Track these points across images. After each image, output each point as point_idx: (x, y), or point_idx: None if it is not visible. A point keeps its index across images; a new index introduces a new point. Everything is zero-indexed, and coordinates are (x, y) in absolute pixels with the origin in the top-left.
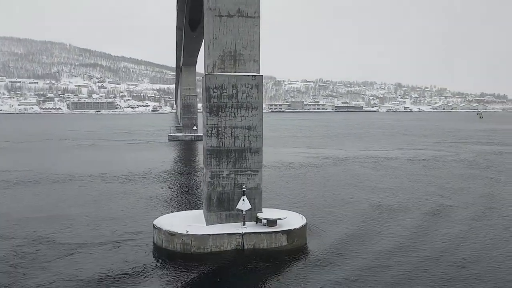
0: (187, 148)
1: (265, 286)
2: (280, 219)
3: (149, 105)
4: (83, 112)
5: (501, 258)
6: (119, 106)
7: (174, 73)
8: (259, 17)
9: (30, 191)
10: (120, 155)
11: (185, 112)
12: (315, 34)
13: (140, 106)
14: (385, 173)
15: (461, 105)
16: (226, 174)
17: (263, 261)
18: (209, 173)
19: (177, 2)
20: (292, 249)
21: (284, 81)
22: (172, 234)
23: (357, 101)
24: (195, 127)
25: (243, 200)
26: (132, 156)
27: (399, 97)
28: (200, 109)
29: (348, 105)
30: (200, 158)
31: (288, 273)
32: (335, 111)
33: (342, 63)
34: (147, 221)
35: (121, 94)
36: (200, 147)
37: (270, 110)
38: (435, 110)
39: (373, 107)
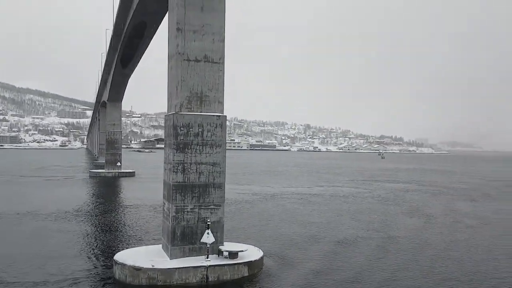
0: (112, 185)
1: None
2: (241, 251)
3: (57, 140)
4: None
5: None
6: (23, 140)
7: (84, 107)
8: (223, 63)
9: None
10: (43, 192)
11: (109, 148)
12: (230, 75)
13: (47, 140)
14: (312, 208)
15: (363, 146)
16: (191, 209)
17: None
18: (174, 207)
19: (111, 40)
20: (252, 279)
21: None
22: (138, 269)
23: (270, 140)
24: (119, 163)
25: (208, 233)
26: (56, 192)
27: (308, 137)
28: (124, 145)
29: (262, 143)
30: (129, 194)
31: None
32: (250, 149)
33: (255, 103)
34: (99, 257)
35: (25, 127)
36: (125, 183)
37: None
38: (341, 150)
39: (285, 146)
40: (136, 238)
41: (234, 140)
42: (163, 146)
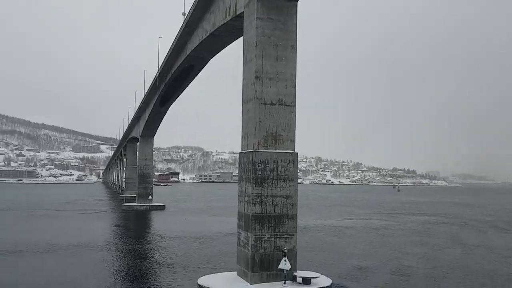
0: (147, 218)
1: None
2: (315, 277)
3: (73, 174)
4: (3, 181)
5: None
6: (40, 175)
7: (98, 142)
8: (295, 105)
9: (54, 263)
10: (84, 225)
11: (141, 182)
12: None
13: (63, 175)
14: (349, 240)
15: (376, 178)
16: (267, 238)
17: None
18: (254, 236)
19: (155, 81)
20: None
21: (212, 152)
22: None
23: None
24: (150, 197)
25: (285, 260)
26: (97, 225)
27: (320, 170)
28: (180, 179)
29: None
30: (168, 226)
31: None
32: None
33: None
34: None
35: (41, 162)
36: (159, 216)
37: (200, 180)
38: (354, 183)
39: (298, 178)
40: (195, 266)
41: None
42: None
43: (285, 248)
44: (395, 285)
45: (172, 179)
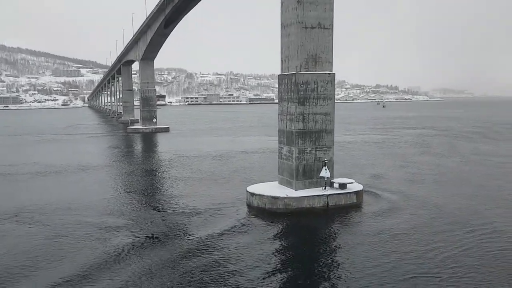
0: (157, 139)
1: (356, 226)
2: (350, 183)
3: (57, 99)
4: None
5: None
6: (24, 101)
7: (78, 65)
8: (332, 28)
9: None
10: (100, 148)
11: (145, 105)
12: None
13: (48, 100)
14: (355, 153)
15: (360, 96)
16: (309, 150)
17: (344, 213)
18: (297, 150)
19: (163, 1)
20: (358, 205)
21: (196, 74)
22: (275, 198)
23: (268, 94)
24: (155, 120)
25: (325, 169)
26: (120, 146)
27: None
28: (166, 102)
29: (260, 97)
30: (184, 146)
31: (365, 218)
32: (249, 103)
33: (249, 57)
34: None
35: (23, 88)
36: (167, 138)
37: (186, 103)
38: (339, 101)
39: None
40: (226, 179)
41: (232, 94)
42: (163, 102)
43: (325, 159)
44: (412, 189)
45: (159, 102)
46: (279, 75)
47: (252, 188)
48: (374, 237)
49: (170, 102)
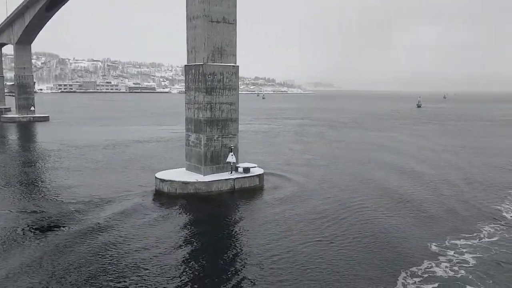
0: (41, 129)
1: (261, 205)
2: (253, 167)
3: None
4: None
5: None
6: None
7: None
8: (236, 23)
9: None
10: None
11: (21, 92)
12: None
13: None
14: (247, 142)
15: (240, 87)
16: (216, 138)
17: (248, 195)
18: (205, 137)
19: None
20: (261, 187)
21: (69, 59)
22: (186, 183)
23: (149, 82)
24: (32, 108)
25: (232, 155)
26: (17, 138)
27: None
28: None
29: (141, 85)
30: (70, 136)
31: (267, 198)
32: (129, 92)
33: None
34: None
35: None
36: (45, 127)
37: (59, 90)
38: None
39: (164, 88)
40: (124, 167)
41: (110, 82)
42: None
43: (231, 145)
44: (303, 171)
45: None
46: (185, 65)
47: (161, 175)
48: (274, 211)
49: (41, 90)
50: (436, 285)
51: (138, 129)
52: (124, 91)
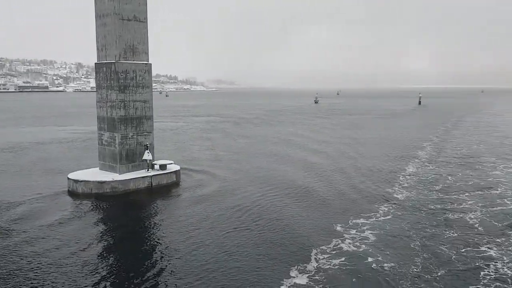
0: None
1: (179, 201)
2: (170, 164)
3: None
4: None
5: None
6: None
7: None
8: (147, 21)
9: None
10: None
11: None
12: None
13: None
14: (156, 140)
15: None
16: (131, 136)
17: (166, 191)
18: (120, 135)
19: None
20: (178, 183)
21: None
22: (102, 182)
23: (40, 81)
24: None
25: (148, 152)
26: None
27: (82, 77)
28: None
29: (32, 85)
30: None
31: (184, 194)
32: (19, 91)
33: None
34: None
35: None
36: None
37: None
38: None
39: (58, 86)
40: (31, 170)
41: None
42: None
43: (147, 143)
44: (215, 166)
45: None
46: (96, 63)
47: (75, 175)
48: (192, 205)
49: None
50: (343, 258)
51: (36, 130)
52: (14, 90)
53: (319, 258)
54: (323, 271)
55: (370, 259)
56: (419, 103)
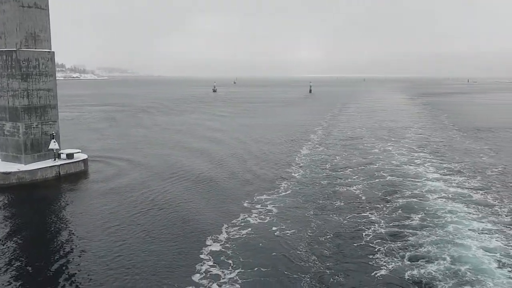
0: None
1: (87, 189)
2: (77, 152)
3: None
4: None
5: None
6: None
7: None
8: (48, 9)
9: None
10: None
11: None
12: None
13: None
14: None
15: None
16: (36, 125)
17: (75, 179)
18: (24, 125)
19: None
20: (86, 172)
21: None
22: (7, 173)
23: None
24: None
25: (54, 142)
26: None
27: None
28: None
29: None
30: None
31: (93, 182)
32: None
33: None
34: None
35: None
36: None
37: None
38: None
39: None
40: None
41: None
42: None
43: (52, 132)
44: (119, 154)
45: None
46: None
47: None
48: (101, 195)
49: None
50: (250, 229)
51: None
52: None
53: (230, 230)
54: (234, 240)
55: (274, 228)
56: (310, 91)
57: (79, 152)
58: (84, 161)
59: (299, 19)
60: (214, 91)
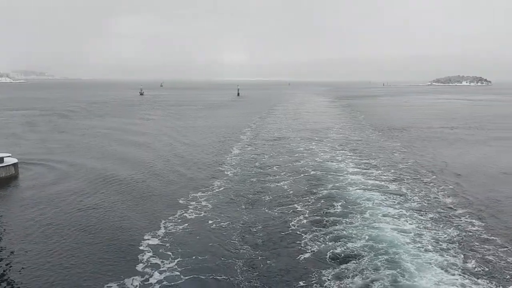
0: None
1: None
2: (7, 156)
3: None
4: None
5: None
6: None
7: None
8: None
9: None
10: None
11: None
12: None
13: None
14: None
15: None
16: None
17: (4, 184)
18: None
19: None
20: (16, 176)
21: None
22: None
23: None
24: None
25: None
26: None
27: None
28: None
29: None
30: None
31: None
32: None
33: None
34: None
35: None
36: None
37: None
38: None
39: None
40: None
41: None
42: None
43: None
44: (50, 158)
45: None
46: None
47: None
48: (32, 202)
49: None
50: (187, 224)
51: None
52: None
53: (168, 225)
54: (171, 234)
55: (209, 222)
56: (238, 94)
57: (9, 156)
58: (15, 165)
59: (226, 22)
60: (141, 94)
